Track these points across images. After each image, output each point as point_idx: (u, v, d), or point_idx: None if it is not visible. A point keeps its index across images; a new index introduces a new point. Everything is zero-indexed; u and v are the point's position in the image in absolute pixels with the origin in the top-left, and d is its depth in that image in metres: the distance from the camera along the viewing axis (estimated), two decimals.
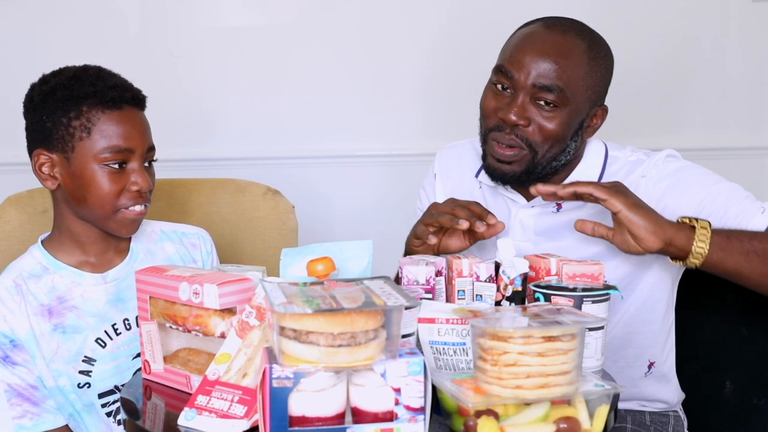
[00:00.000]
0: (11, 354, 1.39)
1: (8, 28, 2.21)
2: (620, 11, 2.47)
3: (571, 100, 1.39)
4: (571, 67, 1.39)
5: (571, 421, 0.98)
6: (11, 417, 1.38)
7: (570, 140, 1.43)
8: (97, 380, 1.44)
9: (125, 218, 1.41)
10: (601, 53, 1.44)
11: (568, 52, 1.40)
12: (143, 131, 1.42)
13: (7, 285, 1.42)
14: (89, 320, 1.44)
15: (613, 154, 1.51)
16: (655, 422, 1.55)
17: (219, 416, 1.03)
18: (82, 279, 1.45)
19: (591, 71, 1.41)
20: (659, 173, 1.43)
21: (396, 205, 2.42)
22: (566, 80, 1.39)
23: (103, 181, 1.38)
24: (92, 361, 1.43)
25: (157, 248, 1.53)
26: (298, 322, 0.94)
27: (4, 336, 1.39)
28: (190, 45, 2.29)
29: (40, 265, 1.45)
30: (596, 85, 1.43)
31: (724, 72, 2.56)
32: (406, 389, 0.96)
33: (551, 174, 1.46)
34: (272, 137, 2.36)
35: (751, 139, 2.60)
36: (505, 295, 1.25)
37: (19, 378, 1.39)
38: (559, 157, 1.44)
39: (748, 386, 1.54)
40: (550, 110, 1.39)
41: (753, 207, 1.37)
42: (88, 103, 1.38)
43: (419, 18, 2.37)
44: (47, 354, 1.41)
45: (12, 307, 1.40)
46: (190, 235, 1.58)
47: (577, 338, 1.00)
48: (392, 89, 2.39)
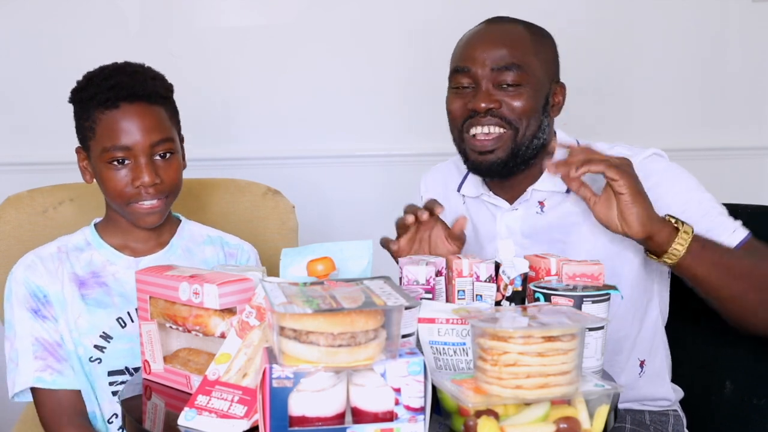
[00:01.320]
0: (43, 308, 1.47)
1: (8, 29, 2.21)
2: (620, 11, 2.47)
3: (530, 77, 1.45)
4: (520, 48, 1.46)
5: (571, 421, 0.98)
6: (33, 369, 1.43)
7: (542, 116, 1.47)
8: (109, 357, 1.48)
9: (137, 211, 1.47)
10: (541, 33, 1.51)
11: (513, 36, 1.47)
12: (143, 127, 1.43)
13: (51, 251, 1.52)
14: (115, 299, 1.50)
15: (584, 143, 1.52)
16: (654, 421, 1.55)
17: (219, 416, 1.03)
18: (118, 260, 1.53)
19: (539, 49, 1.48)
20: (643, 171, 1.41)
21: (396, 205, 2.40)
22: (520, 58, 1.45)
23: (109, 177, 1.45)
24: (109, 338, 1.48)
25: (198, 250, 1.59)
26: (298, 322, 0.94)
27: (39, 289, 1.47)
28: (190, 45, 2.29)
29: (85, 240, 1.54)
30: (547, 60, 1.49)
31: (724, 72, 2.56)
32: (406, 389, 0.96)
33: (533, 156, 1.48)
34: (272, 137, 2.37)
35: (751, 139, 2.60)
36: (505, 295, 1.25)
37: (47, 333, 1.46)
38: (538, 135, 1.47)
39: (748, 386, 1.54)
40: (514, 90, 1.44)
41: (725, 225, 1.40)
42: (92, 105, 1.45)
43: (419, 18, 2.37)
44: (70, 319, 1.47)
45: (50, 268, 1.49)
46: (231, 245, 1.65)
47: (577, 338, 1.00)
48: (392, 89, 2.39)
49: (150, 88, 1.46)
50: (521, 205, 1.52)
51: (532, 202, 1.52)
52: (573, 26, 2.41)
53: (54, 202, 1.81)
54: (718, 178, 2.53)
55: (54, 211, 1.80)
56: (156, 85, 1.48)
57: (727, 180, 2.55)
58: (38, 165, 2.13)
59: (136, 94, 1.44)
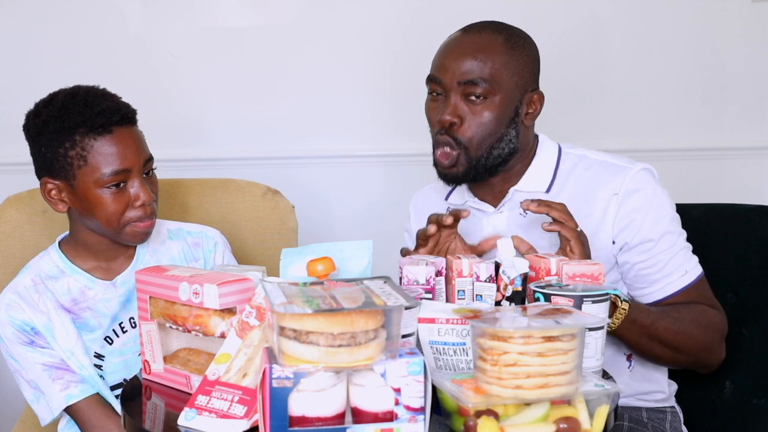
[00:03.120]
0: (35, 339, 1.47)
1: (8, 29, 2.21)
2: (619, 12, 2.47)
3: (498, 90, 1.46)
4: (491, 59, 1.46)
5: (571, 421, 0.98)
6: (58, 390, 1.45)
7: (507, 128, 1.48)
8: (108, 374, 1.51)
9: (134, 232, 1.47)
10: (519, 42, 1.50)
11: (485, 47, 1.48)
12: (137, 147, 1.46)
13: (26, 284, 1.50)
14: (101, 320, 1.52)
15: (567, 151, 1.56)
16: (652, 419, 1.55)
17: (219, 416, 1.03)
18: (94, 284, 1.53)
19: (512, 59, 1.48)
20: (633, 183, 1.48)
21: (396, 205, 2.41)
22: (489, 71, 1.46)
23: (107, 202, 1.44)
24: (101, 357, 1.51)
25: (164, 248, 1.59)
26: (298, 322, 0.94)
27: (25, 324, 1.47)
28: (190, 45, 2.29)
29: (57, 267, 1.53)
30: (521, 71, 1.49)
31: (724, 72, 2.56)
32: (406, 389, 0.96)
33: (500, 164, 1.51)
34: (272, 137, 2.36)
35: (751, 139, 2.60)
36: (505, 295, 1.25)
37: (50, 356, 1.47)
38: (498, 146, 1.48)
39: (748, 386, 1.54)
40: (480, 102, 1.47)
41: (681, 266, 1.48)
42: (80, 132, 1.42)
43: (419, 18, 2.37)
44: (65, 346, 1.47)
45: (30, 302, 1.48)
46: (195, 234, 1.63)
47: (577, 338, 1.00)
48: (392, 89, 2.39)
49: (128, 108, 1.48)
50: (505, 207, 1.55)
51: (515, 204, 1.53)
52: (573, 26, 2.41)
53: None
54: (718, 178, 2.55)
55: (54, 211, 1.80)
56: (129, 107, 1.49)
57: (727, 180, 2.56)
58: None
59: (124, 117, 1.45)
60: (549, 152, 1.56)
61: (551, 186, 1.52)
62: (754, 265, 1.60)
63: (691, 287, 1.48)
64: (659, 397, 1.56)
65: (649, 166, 1.51)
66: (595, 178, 1.50)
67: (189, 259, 1.60)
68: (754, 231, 1.62)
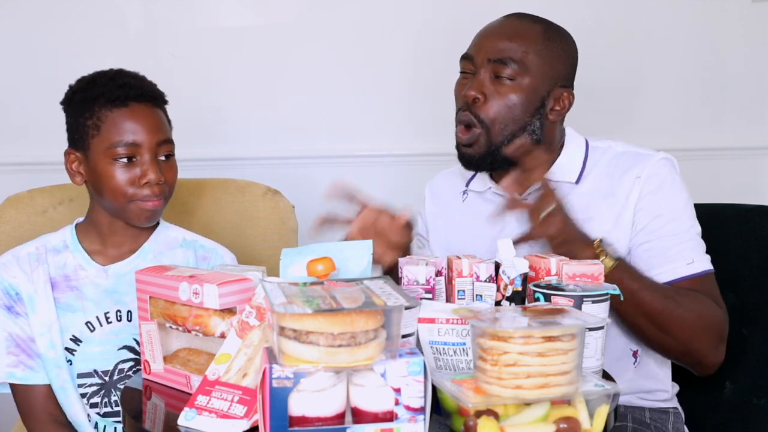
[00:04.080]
0: (15, 305, 1.49)
1: (8, 29, 2.21)
2: (620, 12, 2.47)
3: (527, 74, 1.47)
4: (525, 43, 1.48)
5: (571, 421, 0.98)
6: (5, 364, 1.48)
7: (531, 117, 1.49)
8: (78, 360, 1.50)
9: (139, 209, 1.49)
10: (557, 35, 1.52)
11: (522, 31, 1.50)
12: (151, 125, 1.48)
13: (29, 250, 1.54)
14: (85, 303, 1.52)
15: (594, 144, 1.58)
16: (655, 419, 1.55)
17: (219, 416, 1.03)
18: (89, 266, 1.54)
19: (546, 48, 1.49)
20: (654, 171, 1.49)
21: (397, 206, 2.42)
22: (521, 54, 1.47)
23: (114, 174, 1.46)
24: (78, 341, 1.50)
25: (170, 253, 1.59)
26: (298, 322, 0.94)
27: (11, 287, 1.50)
28: (190, 45, 2.29)
29: (63, 242, 1.55)
30: (554, 62, 1.50)
31: (724, 72, 2.56)
32: (406, 389, 0.96)
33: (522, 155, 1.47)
34: (272, 137, 2.36)
35: (751, 139, 2.60)
36: (505, 295, 1.25)
37: (20, 329, 1.49)
38: (521, 134, 1.49)
39: (748, 386, 1.54)
40: (509, 84, 1.47)
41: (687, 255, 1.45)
42: (99, 103, 1.47)
43: (419, 18, 2.37)
44: (43, 320, 1.49)
45: (24, 269, 1.51)
46: (207, 248, 1.64)
47: (577, 338, 1.00)
48: (392, 89, 2.39)
49: (155, 90, 1.52)
50: (531, 197, 1.50)
51: None
52: (573, 26, 2.41)
53: (54, 202, 1.81)
54: (718, 178, 2.55)
55: (54, 211, 1.80)
56: (157, 89, 1.54)
57: (727, 180, 2.56)
58: (38, 165, 2.13)
59: (144, 95, 1.49)
60: (577, 145, 1.57)
61: (581, 177, 1.53)
62: (754, 265, 1.60)
63: (696, 278, 1.45)
64: (663, 396, 1.56)
65: (670, 156, 1.52)
66: (621, 166, 1.52)
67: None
68: (754, 231, 1.62)
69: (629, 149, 1.55)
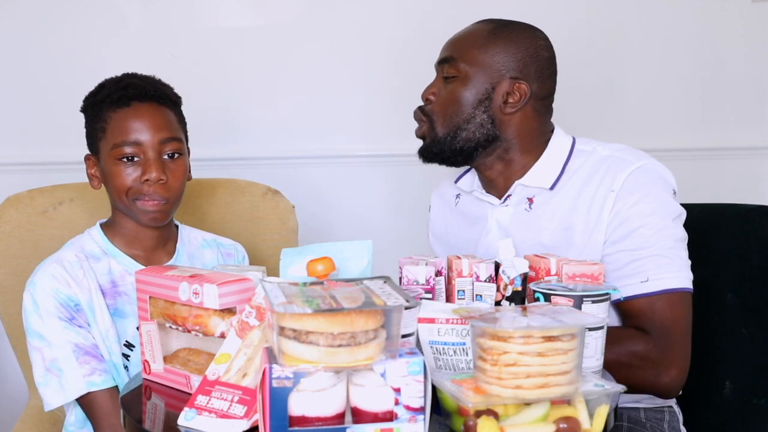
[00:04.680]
0: (76, 316, 1.46)
1: (8, 29, 2.21)
2: (620, 11, 2.47)
3: (467, 69, 1.50)
4: (467, 42, 1.52)
5: (571, 421, 0.98)
6: (81, 375, 1.43)
7: (475, 110, 1.50)
8: (134, 364, 1.50)
9: (141, 209, 1.48)
10: (507, 31, 1.52)
11: (469, 32, 1.54)
12: (155, 124, 1.48)
13: (71, 259, 1.50)
14: (135, 308, 1.50)
15: (580, 148, 1.53)
16: (650, 419, 1.55)
17: (219, 416, 1.03)
18: (135, 269, 1.49)
19: (490, 41, 1.50)
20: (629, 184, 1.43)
21: (396, 205, 2.42)
22: (460, 51, 1.51)
23: (117, 173, 1.47)
24: (131, 346, 1.50)
25: (199, 254, 1.62)
26: (298, 322, 0.94)
27: (70, 299, 1.46)
28: (190, 45, 2.29)
29: (99, 248, 1.54)
30: (498, 55, 1.50)
31: (724, 72, 2.56)
32: (406, 389, 0.96)
33: (475, 149, 1.51)
34: (272, 137, 2.36)
35: (751, 139, 2.60)
36: (505, 295, 1.25)
37: (84, 338, 1.46)
38: (466, 127, 1.50)
39: (748, 386, 1.54)
40: (451, 81, 1.52)
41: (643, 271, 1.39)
42: (104, 107, 1.49)
43: (419, 18, 2.37)
44: (102, 328, 1.48)
45: (76, 278, 1.48)
46: (227, 246, 1.67)
47: (577, 338, 1.00)
48: (392, 89, 2.39)
49: (160, 90, 1.52)
50: (510, 201, 1.54)
51: (520, 198, 1.53)
52: (573, 26, 2.41)
53: (54, 202, 1.81)
54: (718, 178, 2.55)
55: (54, 211, 1.80)
56: (166, 89, 1.54)
57: (727, 180, 2.56)
58: (38, 165, 2.13)
59: (147, 94, 1.49)
60: (560, 147, 1.53)
61: (556, 182, 1.50)
62: (754, 265, 1.60)
63: (645, 298, 1.39)
64: (658, 401, 1.56)
65: (651, 164, 1.46)
66: (598, 173, 1.47)
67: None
68: (754, 231, 1.62)
69: (614, 154, 1.48)
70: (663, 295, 1.39)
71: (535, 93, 1.51)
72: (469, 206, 1.64)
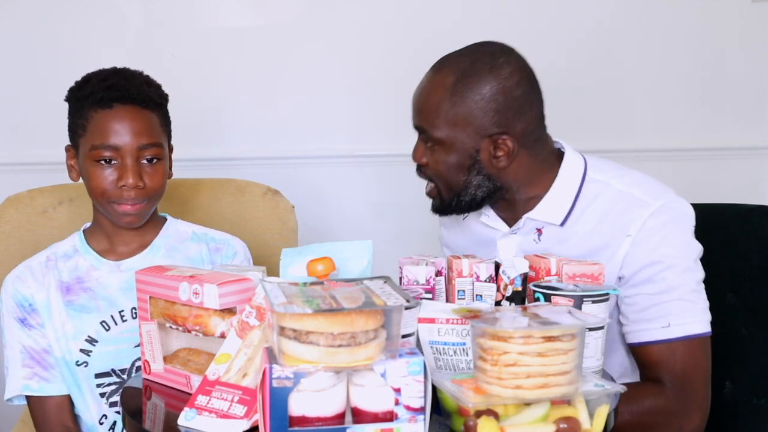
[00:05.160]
0: (29, 317, 1.50)
1: (8, 29, 2.21)
2: (620, 12, 2.47)
3: (443, 140, 1.40)
4: (431, 109, 1.41)
5: (571, 421, 0.98)
6: (20, 377, 1.49)
7: (468, 175, 1.42)
8: (95, 360, 1.50)
9: (117, 211, 1.48)
10: (471, 84, 1.38)
11: (428, 96, 1.42)
12: (135, 128, 1.45)
13: (41, 260, 1.55)
14: (99, 303, 1.52)
15: (593, 176, 1.46)
16: None
17: (219, 416, 1.03)
18: (101, 264, 1.54)
19: (455, 105, 1.39)
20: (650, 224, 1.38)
21: (396, 206, 2.42)
22: (431, 122, 1.41)
23: (94, 175, 1.46)
24: (94, 341, 1.50)
25: (182, 247, 1.59)
26: (298, 322, 0.94)
27: (24, 299, 1.50)
28: (190, 45, 2.29)
29: (73, 247, 1.56)
30: (472, 117, 1.38)
31: (724, 72, 2.56)
32: (406, 389, 0.96)
33: (482, 202, 1.46)
34: (272, 137, 2.36)
35: (751, 139, 2.60)
36: (505, 295, 1.25)
37: (34, 341, 1.50)
38: (466, 192, 1.44)
39: (748, 386, 1.54)
40: (434, 149, 1.43)
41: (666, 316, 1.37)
42: (87, 103, 1.47)
43: (419, 18, 2.37)
44: (57, 326, 1.49)
45: (37, 277, 1.52)
46: (218, 240, 1.64)
47: (577, 338, 1.00)
48: (392, 89, 2.38)
49: (145, 93, 1.48)
50: (519, 231, 1.49)
51: (529, 229, 1.48)
52: (573, 26, 2.41)
53: (54, 202, 1.81)
54: (718, 178, 2.55)
55: (54, 211, 1.80)
56: (151, 91, 1.50)
57: (727, 180, 2.56)
58: (38, 165, 2.13)
59: (130, 97, 1.46)
60: (571, 175, 1.45)
61: (567, 218, 1.44)
62: (754, 265, 1.60)
63: (666, 344, 1.37)
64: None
65: (673, 202, 1.40)
66: (613, 213, 1.41)
67: (206, 261, 1.60)
68: (754, 231, 1.62)
69: (630, 191, 1.41)
70: (685, 341, 1.37)
71: (521, 134, 1.40)
72: (477, 227, 1.58)
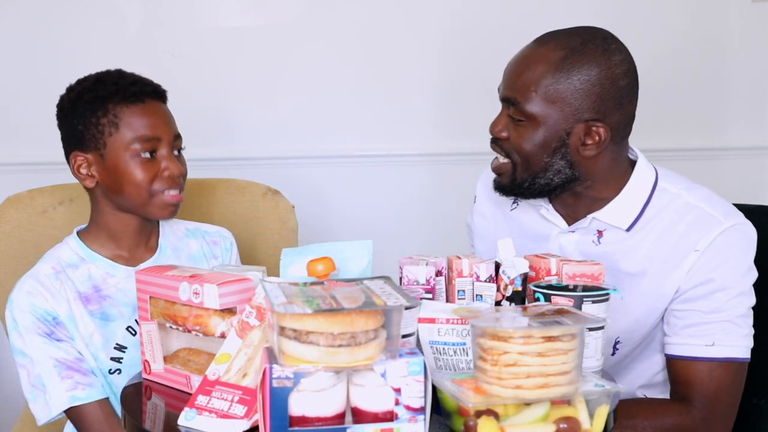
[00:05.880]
0: (55, 330, 1.45)
1: (8, 29, 2.21)
2: (619, 12, 2.47)
3: (534, 115, 1.36)
4: (532, 80, 1.35)
5: (571, 421, 0.98)
6: (64, 390, 1.42)
7: (551, 158, 1.38)
8: (127, 366, 1.48)
9: (162, 202, 1.48)
10: (579, 63, 1.35)
11: (533, 63, 1.36)
12: (167, 121, 1.50)
13: (47, 272, 1.48)
14: (122, 309, 1.50)
15: (663, 186, 1.44)
16: None
17: (219, 416, 1.03)
18: (116, 271, 1.51)
19: (557, 82, 1.35)
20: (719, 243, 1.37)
21: (396, 206, 2.42)
22: (524, 93, 1.36)
23: (136, 170, 1.45)
24: (123, 348, 1.49)
25: (183, 245, 1.60)
26: (298, 322, 0.94)
27: (47, 313, 1.45)
28: (190, 45, 2.29)
29: (77, 255, 1.51)
30: (571, 98, 1.35)
31: (724, 72, 2.56)
32: (406, 389, 0.96)
33: (554, 190, 1.42)
34: (272, 137, 2.37)
35: (751, 139, 2.60)
36: (505, 295, 1.25)
37: (65, 352, 1.45)
38: (544, 175, 1.40)
39: (748, 386, 1.54)
40: (521, 125, 1.38)
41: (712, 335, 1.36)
42: (113, 101, 1.46)
43: (419, 18, 2.37)
44: (85, 336, 1.46)
45: (52, 291, 1.46)
46: (212, 233, 1.65)
47: (577, 338, 1.00)
48: (392, 89, 2.39)
49: (158, 88, 1.52)
50: (579, 229, 1.46)
51: (591, 229, 1.45)
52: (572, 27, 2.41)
53: (54, 202, 1.81)
54: (718, 178, 2.54)
55: (54, 211, 1.80)
56: (160, 86, 1.54)
57: (727, 180, 2.56)
58: (38, 165, 2.13)
59: (157, 92, 1.50)
60: (642, 183, 1.43)
61: (634, 224, 1.41)
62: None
63: (706, 363, 1.36)
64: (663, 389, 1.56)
65: (742, 224, 1.39)
66: (681, 224, 1.39)
67: (208, 256, 1.61)
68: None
69: (701, 205, 1.39)
70: (724, 363, 1.37)
71: (614, 127, 1.39)
72: (529, 219, 1.54)
